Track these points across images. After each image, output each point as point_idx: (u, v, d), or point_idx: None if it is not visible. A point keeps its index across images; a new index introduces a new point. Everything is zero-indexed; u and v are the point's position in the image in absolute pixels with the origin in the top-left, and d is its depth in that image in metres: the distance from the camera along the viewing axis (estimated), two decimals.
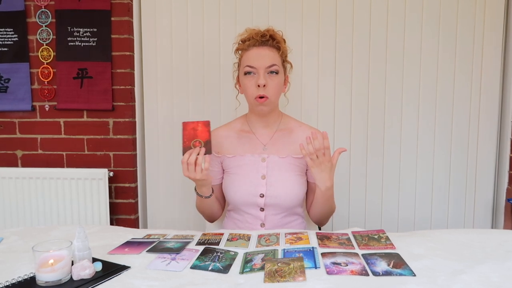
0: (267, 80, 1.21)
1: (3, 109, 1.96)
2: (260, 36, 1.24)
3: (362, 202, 1.97)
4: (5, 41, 1.92)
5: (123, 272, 0.87)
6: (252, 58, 1.23)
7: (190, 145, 1.15)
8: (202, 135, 1.15)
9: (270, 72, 1.22)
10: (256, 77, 1.22)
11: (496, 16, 1.84)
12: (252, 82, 1.22)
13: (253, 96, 1.22)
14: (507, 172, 1.87)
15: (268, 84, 1.21)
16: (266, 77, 1.22)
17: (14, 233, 1.14)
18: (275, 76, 1.23)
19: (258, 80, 1.20)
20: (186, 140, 1.15)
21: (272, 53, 1.24)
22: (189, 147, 1.15)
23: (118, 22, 1.89)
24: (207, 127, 1.15)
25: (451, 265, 0.87)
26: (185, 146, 1.15)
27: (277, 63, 1.24)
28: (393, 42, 1.88)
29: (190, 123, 1.15)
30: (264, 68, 1.22)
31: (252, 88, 1.22)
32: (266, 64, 1.22)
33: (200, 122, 1.15)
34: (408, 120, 1.92)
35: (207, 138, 1.15)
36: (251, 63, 1.22)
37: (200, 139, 1.15)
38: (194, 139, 1.15)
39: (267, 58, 1.22)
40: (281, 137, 1.31)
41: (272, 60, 1.23)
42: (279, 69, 1.24)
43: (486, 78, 1.88)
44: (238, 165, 1.30)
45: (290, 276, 0.82)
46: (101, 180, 1.89)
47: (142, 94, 1.99)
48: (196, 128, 1.15)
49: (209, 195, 1.26)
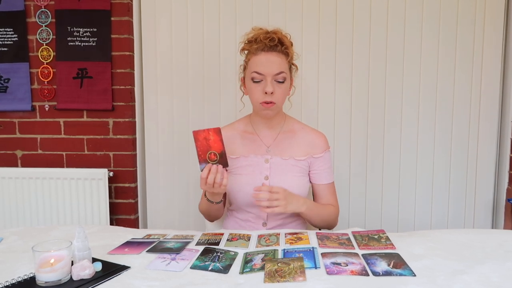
0: (274, 87, 1.21)
1: (3, 109, 1.96)
2: (269, 41, 1.21)
3: (362, 202, 1.97)
4: (5, 41, 1.92)
5: (123, 272, 0.87)
6: (260, 64, 1.21)
7: (206, 158, 1.14)
8: (215, 145, 1.13)
9: (277, 81, 1.22)
10: (263, 84, 1.21)
11: (496, 16, 1.84)
12: (258, 88, 1.22)
13: (259, 101, 1.22)
14: (507, 172, 1.87)
15: (275, 92, 1.21)
16: (274, 84, 1.21)
17: (14, 233, 1.14)
18: (282, 85, 1.23)
19: (265, 88, 1.20)
20: (201, 153, 1.13)
21: (280, 59, 1.22)
22: (206, 160, 1.14)
23: (118, 22, 1.89)
24: (218, 135, 1.12)
25: (451, 265, 0.87)
26: (202, 160, 1.14)
27: (284, 70, 1.23)
28: (393, 42, 1.87)
29: (201, 132, 1.13)
30: (272, 76, 1.21)
31: (259, 94, 1.22)
32: (274, 72, 1.21)
33: (211, 130, 1.13)
34: (408, 120, 1.92)
35: (221, 149, 1.13)
36: (259, 70, 1.21)
37: (214, 151, 1.13)
38: (208, 151, 1.13)
39: (275, 65, 1.21)
40: (284, 139, 1.32)
41: (280, 67, 1.21)
42: (286, 76, 1.24)
43: (486, 78, 1.88)
44: (241, 166, 1.30)
45: (290, 276, 0.82)
46: (101, 180, 1.89)
47: (142, 94, 1.99)
48: (208, 137, 1.13)
49: (220, 201, 1.26)
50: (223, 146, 1.13)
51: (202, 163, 1.14)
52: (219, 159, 1.14)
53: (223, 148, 1.13)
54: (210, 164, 1.14)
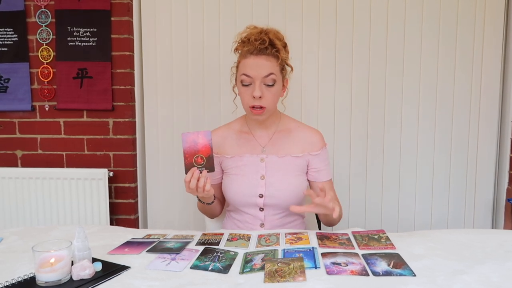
0: (263, 91, 1.19)
1: (3, 109, 1.96)
2: (259, 43, 1.19)
3: (362, 202, 1.97)
4: (5, 41, 1.92)
5: (123, 272, 0.87)
6: (249, 67, 1.20)
7: (192, 161, 1.12)
8: (203, 149, 1.11)
9: (266, 84, 1.20)
10: (252, 88, 1.20)
11: (496, 16, 1.84)
12: (247, 92, 1.21)
13: (248, 104, 1.22)
14: (507, 172, 1.87)
15: (264, 95, 1.20)
16: (263, 88, 1.20)
17: (14, 233, 1.14)
18: (271, 88, 1.21)
19: (253, 92, 1.19)
20: (188, 156, 1.12)
21: (269, 63, 1.20)
22: (191, 164, 1.12)
23: (118, 22, 1.89)
24: (208, 139, 1.11)
25: (451, 265, 0.87)
26: (187, 163, 1.12)
27: (274, 72, 1.21)
28: (393, 42, 1.87)
29: (190, 135, 1.12)
30: (261, 78, 1.19)
31: (248, 98, 1.22)
32: (262, 74, 1.19)
33: (200, 133, 1.11)
34: (408, 120, 1.91)
35: (209, 153, 1.12)
36: (248, 72, 1.20)
37: (202, 155, 1.12)
38: (195, 155, 1.12)
39: (264, 68, 1.20)
40: (280, 138, 1.31)
41: (269, 70, 1.20)
42: (276, 78, 1.21)
43: (486, 78, 1.88)
44: (237, 166, 1.30)
45: (290, 276, 0.82)
46: (101, 180, 1.89)
47: (142, 94, 1.99)
48: (197, 140, 1.11)
49: (211, 202, 1.27)
50: (211, 150, 1.12)
51: (188, 166, 1.12)
52: (205, 163, 1.12)
53: (211, 152, 1.12)
54: (194, 168, 1.12)
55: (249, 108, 1.22)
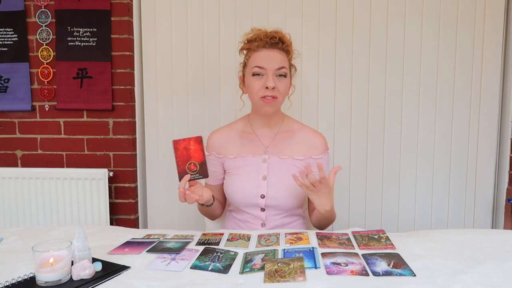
0: (276, 82, 1.21)
1: (3, 109, 1.96)
2: (270, 38, 1.23)
3: (362, 202, 1.97)
4: (5, 41, 1.92)
5: (123, 272, 0.87)
6: (261, 59, 1.22)
7: (185, 168, 1.10)
8: (196, 155, 1.10)
9: (279, 75, 1.22)
10: (265, 79, 1.21)
11: (496, 16, 1.84)
12: (259, 82, 1.22)
13: (259, 95, 1.22)
14: (507, 172, 1.87)
15: (277, 86, 1.21)
16: (275, 79, 1.21)
17: (13, 233, 1.14)
18: (284, 79, 1.23)
19: (267, 82, 1.20)
20: (180, 163, 1.10)
21: (281, 56, 1.23)
22: (184, 171, 1.10)
23: (118, 22, 1.89)
24: (200, 144, 1.09)
25: (451, 265, 0.87)
26: (180, 170, 1.10)
27: (286, 66, 1.24)
28: (393, 41, 1.87)
29: (181, 142, 1.09)
30: (274, 70, 1.21)
31: (259, 88, 1.22)
32: (275, 66, 1.21)
33: (192, 139, 1.09)
34: (408, 120, 1.92)
35: (202, 159, 1.10)
36: (261, 64, 1.21)
37: (195, 161, 1.10)
38: (188, 161, 1.10)
39: (277, 60, 1.22)
40: (282, 139, 1.31)
41: (281, 63, 1.22)
42: (287, 72, 1.25)
43: (486, 78, 1.88)
44: (239, 166, 1.30)
45: (290, 276, 0.82)
46: (101, 180, 1.89)
47: (142, 94, 1.99)
48: (188, 147, 1.09)
49: (211, 204, 1.26)
50: (204, 156, 1.11)
51: (181, 174, 1.10)
52: (199, 169, 1.10)
53: (204, 158, 1.11)
54: (188, 175, 1.10)
55: (260, 98, 1.22)
